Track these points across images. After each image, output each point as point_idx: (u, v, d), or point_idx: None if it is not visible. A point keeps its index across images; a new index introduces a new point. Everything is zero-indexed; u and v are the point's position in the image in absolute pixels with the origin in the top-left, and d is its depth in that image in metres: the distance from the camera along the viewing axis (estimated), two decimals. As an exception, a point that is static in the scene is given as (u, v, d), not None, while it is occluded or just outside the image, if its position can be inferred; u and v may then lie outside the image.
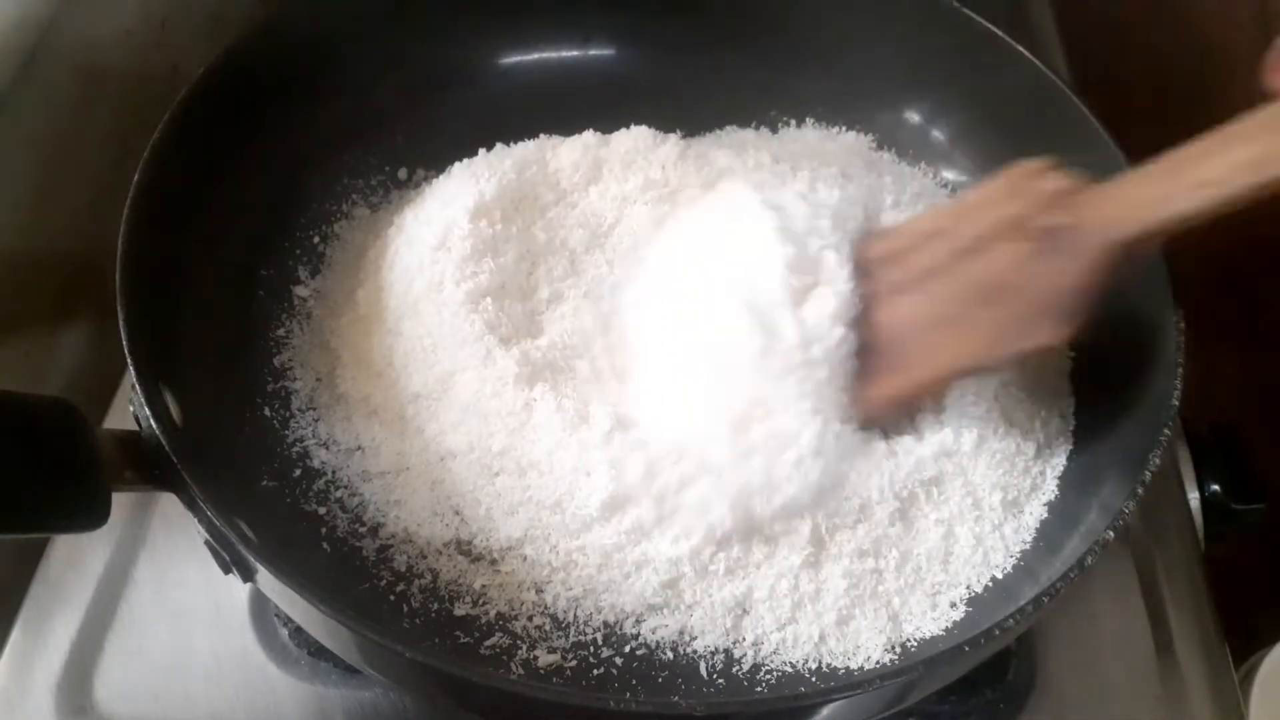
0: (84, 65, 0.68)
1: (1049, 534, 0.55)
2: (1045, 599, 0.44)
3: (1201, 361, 0.50)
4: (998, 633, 0.44)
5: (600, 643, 0.52)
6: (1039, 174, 0.53)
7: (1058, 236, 0.50)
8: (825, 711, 0.46)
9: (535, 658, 0.51)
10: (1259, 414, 0.77)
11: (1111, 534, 0.46)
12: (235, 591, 0.59)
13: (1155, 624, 0.60)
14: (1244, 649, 0.68)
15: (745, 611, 0.53)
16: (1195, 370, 0.50)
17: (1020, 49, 0.66)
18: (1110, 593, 0.60)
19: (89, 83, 0.68)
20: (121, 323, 0.49)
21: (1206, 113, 0.47)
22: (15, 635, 0.59)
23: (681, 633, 0.52)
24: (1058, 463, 0.58)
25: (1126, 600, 0.60)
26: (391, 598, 0.53)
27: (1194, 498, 0.64)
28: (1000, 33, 0.66)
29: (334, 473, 0.57)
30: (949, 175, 0.72)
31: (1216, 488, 0.64)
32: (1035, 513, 0.56)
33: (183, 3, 0.76)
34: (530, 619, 0.52)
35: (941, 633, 0.52)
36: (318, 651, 0.58)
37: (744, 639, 0.52)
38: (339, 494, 0.56)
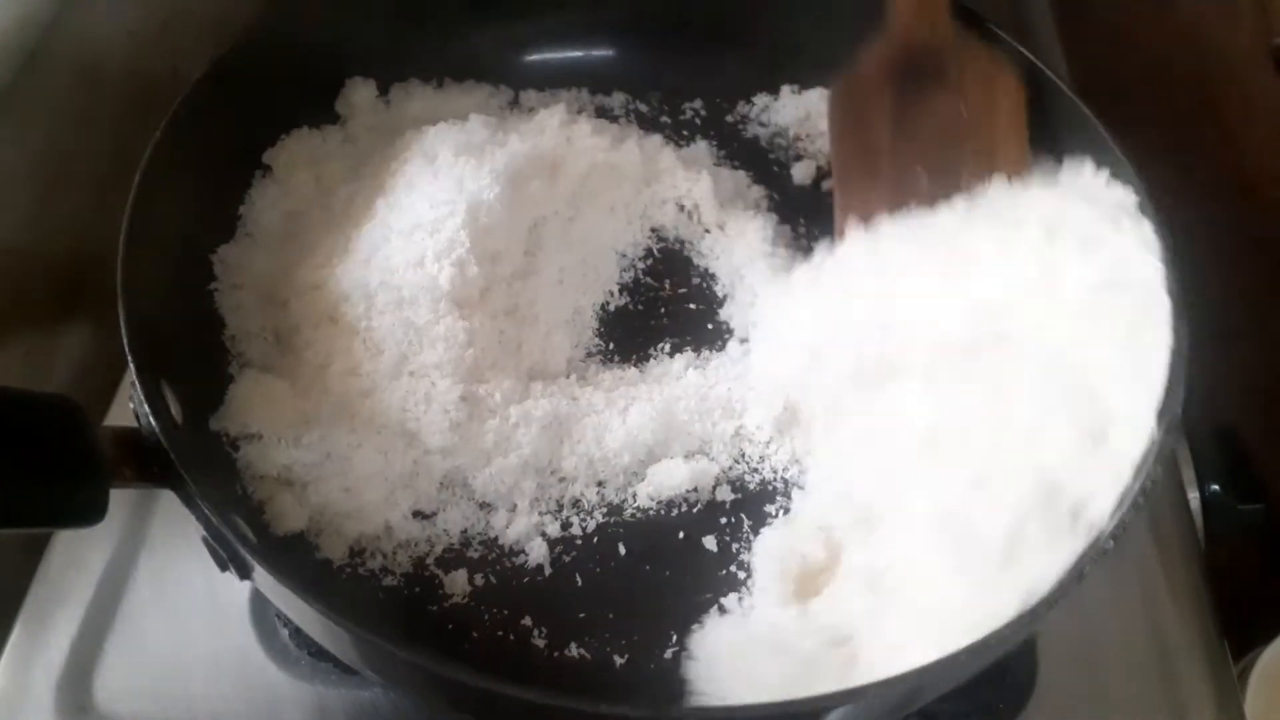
0: (84, 65, 0.68)
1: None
2: (1042, 609, 0.44)
3: (1201, 361, 0.49)
4: (993, 643, 0.43)
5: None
6: None
7: None
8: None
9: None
10: (1259, 414, 0.77)
11: (1112, 542, 0.46)
12: (235, 591, 0.59)
13: (1155, 624, 0.60)
14: (1243, 648, 0.68)
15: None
16: (1195, 370, 0.50)
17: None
18: (1110, 592, 0.60)
19: (89, 83, 0.68)
20: (122, 320, 0.49)
21: (1207, 113, 0.47)
22: (15, 635, 0.59)
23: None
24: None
25: (1126, 600, 0.60)
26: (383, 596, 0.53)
27: (1194, 498, 0.64)
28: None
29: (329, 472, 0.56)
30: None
31: (1216, 488, 0.64)
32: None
33: (184, 4, 0.76)
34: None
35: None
36: (318, 651, 0.58)
37: None
38: (336, 493, 0.55)
